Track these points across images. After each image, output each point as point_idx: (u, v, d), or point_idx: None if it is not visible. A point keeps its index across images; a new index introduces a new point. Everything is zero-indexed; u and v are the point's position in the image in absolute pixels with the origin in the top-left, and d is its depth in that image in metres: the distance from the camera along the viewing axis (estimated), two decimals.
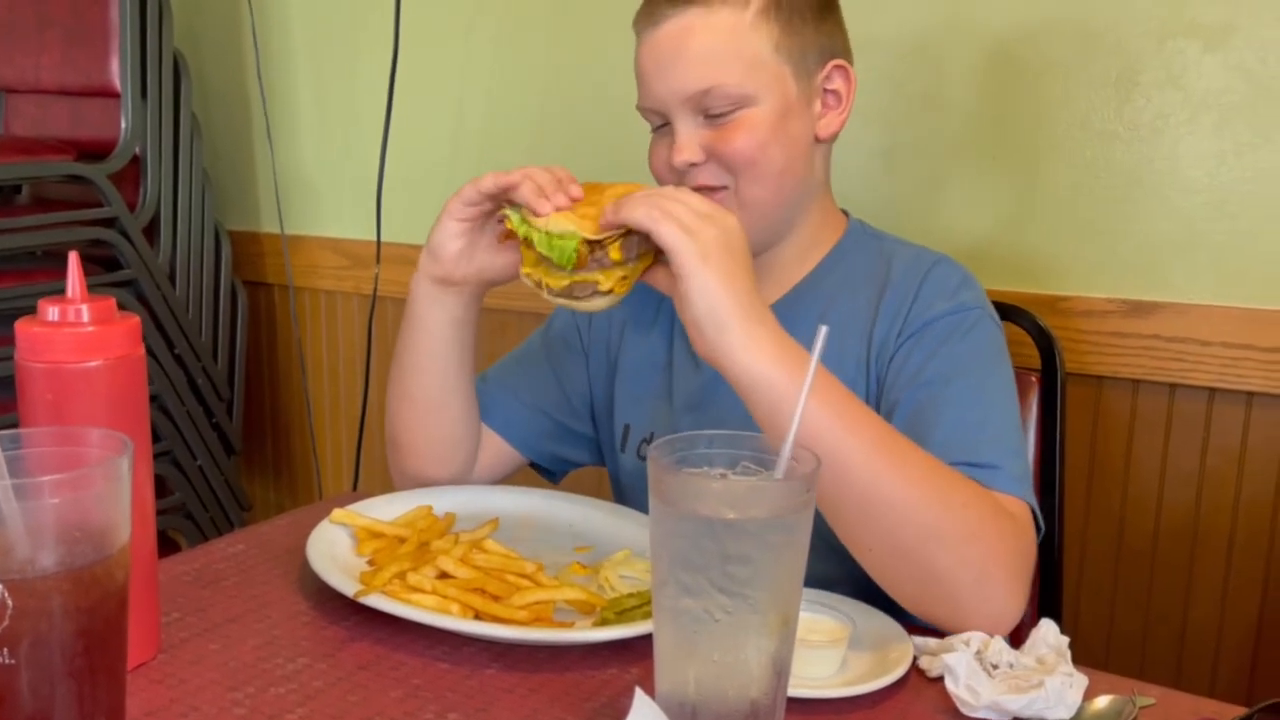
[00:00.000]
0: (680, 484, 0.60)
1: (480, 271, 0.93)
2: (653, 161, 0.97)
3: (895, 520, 0.77)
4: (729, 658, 0.59)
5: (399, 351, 0.99)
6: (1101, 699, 0.71)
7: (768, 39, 0.91)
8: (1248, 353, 1.25)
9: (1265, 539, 1.28)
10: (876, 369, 0.95)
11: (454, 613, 0.77)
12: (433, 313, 0.95)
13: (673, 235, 0.77)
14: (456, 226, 0.91)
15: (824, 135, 0.97)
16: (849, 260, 1.01)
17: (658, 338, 1.06)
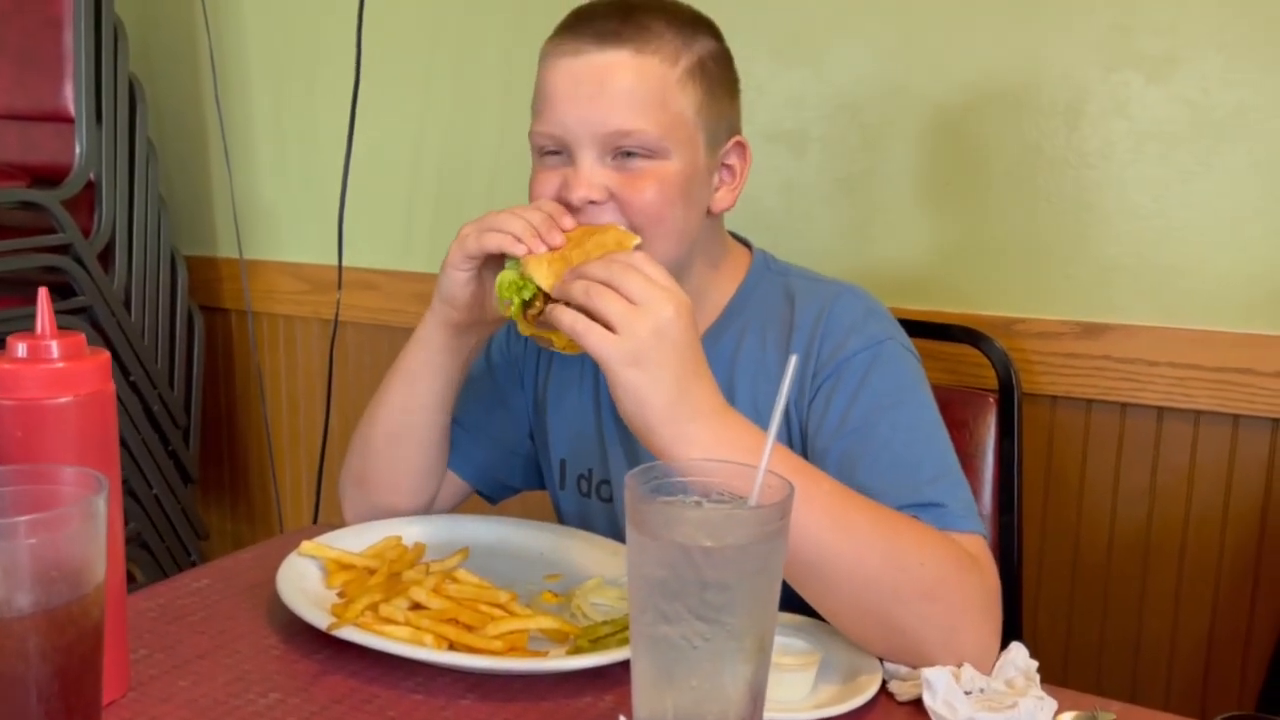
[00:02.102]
0: (656, 512, 0.60)
1: (495, 309, 0.90)
2: (537, 192, 0.92)
3: (855, 587, 0.77)
4: (707, 684, 0.60)
5: (388, 393, 0.98)
6: (1066, 715, 0.73)
7: (691, 100, 0.90)
8: (1194, 373, 1.29)
9: (1214, 553, 1.32)
10: (797, 415, 0.93)
11: (428, 644, 0.77)
12: (439, 356, 0.95)
13: (596, 347, 0.76)
14: (462, 275, 0.89)
15: (717, 209, 0.96)
16: (754, 299, 0.99)
17: (585, 373, 1.05)
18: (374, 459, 1.01)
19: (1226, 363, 1.27)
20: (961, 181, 1.40)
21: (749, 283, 1.00)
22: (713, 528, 0.60)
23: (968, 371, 1.33)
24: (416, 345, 0.97)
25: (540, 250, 0.83)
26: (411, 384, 0.97)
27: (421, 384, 0.97)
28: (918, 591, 0.77)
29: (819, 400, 0.92)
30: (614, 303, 0.76)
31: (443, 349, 0.95)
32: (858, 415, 0.89)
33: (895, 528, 0.79)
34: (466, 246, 0.88)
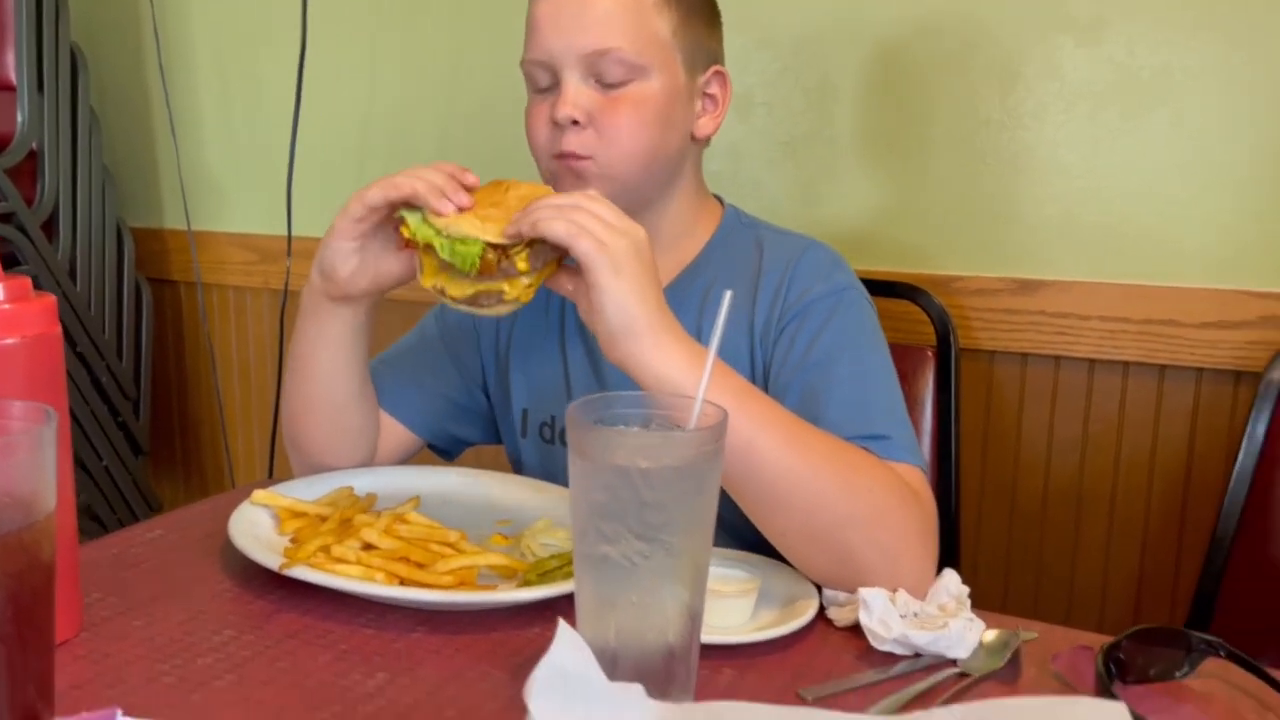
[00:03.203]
0: (597, 438, 0.63)
1: (376, 282, 0.91)
2: (530, 123, 0.97)
3: (807, 507, 0.80)
4: (646, 600, 0.63)
5: (295, 361, 0.99)
6: (990, 633, 0.77)
7: (668, 22, 0.95)
8: (1123, 325, 1.34)
9: (1143, 499, 1.38)
10: (761, 355, 0.99)
11: (379, 580, 0.78)
12: (331, 327, 0.95)
13: (589, 251, 0.78)
14: (348, 245, 0.88)
15: (699, 135, 1.01)
16: (725, 251, 1.04)
17: (550, 325, 1.08)
18: (297, 426, 1.02)
19: (1152, 315, 1.32)
20: (902, 143, 1.44)
21: (721, 233, 1.06)
22: (650, 450, 0.62)
23: (909, 328, 1.37)
24: (304, 317, 0.96)
25: (448, 209, 0.82)
26: (311, 354, 0.97)
27: (321, 353, 0.97)
28: (866, 515, 0.81)
29: (783, 339, 0.98)
30: (591, 220, 0.80)
31: (332, 318, 0.94)
32: (819, 353, 0.95)
33: (846, 454, 0.83)
34: (367, 197, 0.85)
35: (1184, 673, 0.73)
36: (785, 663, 0.74)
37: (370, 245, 0.89)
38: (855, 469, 0.82)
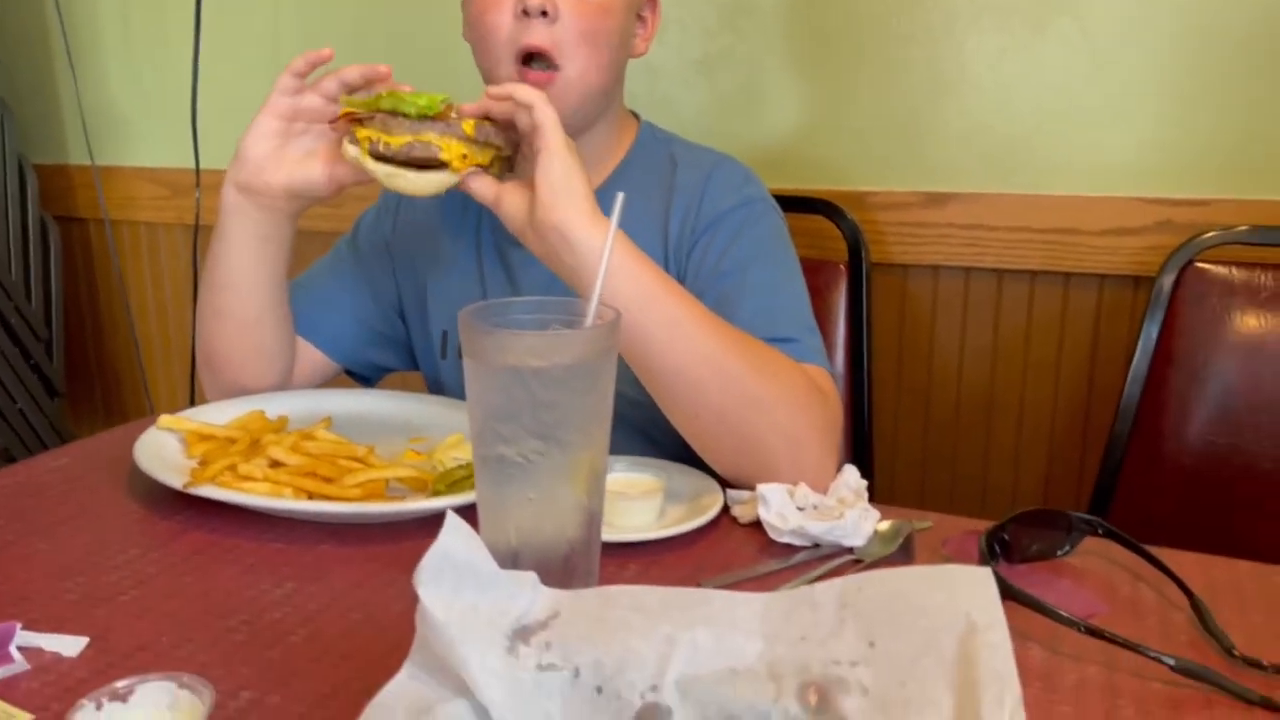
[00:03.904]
0: (490, 339, 0.63)
1: (289, 181, 0.90)
2: (488, 15, 0.94)
3: (720, 387, 0.83)
4: (544, 497, 0.64)
5: (208, 265, 0.98)
6: (885, 523, 0.80)
7: None
8: (1028, 235, 1.38)
9: (1049, 403, 1.43)
10: (676, 266, 1.01)
11: (287, 496, 0.79)
12: (239, 226, 0.94)
13: (551, 117, 0.81)
14: (270, 124, 0.89)
15: (636, 53, 1.04)
16: (640, 166, 1.06)
17: (466, 246, 1.08)
18: (210, 338, 1.01)
19: (1056, 224, 1.36)
20: (814, 60, 1.44)
21: (637, 148, 1.07)
22: (542, 349, 0.63)
23: (823, 244, 1.38)
24: (219, 216, 0.95)
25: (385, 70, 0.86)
26: (223, 256, 0.96)
27: (233, 257, 0.96)
28: (774, 399, 0.83)
29: (696, 251, 1.00)
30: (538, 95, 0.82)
31: (242, 218, 0.93)
32: (730, 262, 0.97)
33: (757, 345, 0.86)
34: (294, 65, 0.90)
35: (1065, 551, 0.77)
36: (688, 557, 0.77)
37: (293, 138, 0.90)
38: (766, 357, 0.85)
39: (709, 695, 0.53)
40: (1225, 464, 1.14)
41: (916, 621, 0.51)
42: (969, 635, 0.49)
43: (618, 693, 0.53)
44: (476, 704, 0.50)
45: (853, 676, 0.51)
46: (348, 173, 0.88)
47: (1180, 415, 1.17)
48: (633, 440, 0.99)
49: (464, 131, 0.83)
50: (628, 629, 0.54)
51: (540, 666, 0.53)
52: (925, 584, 0.52)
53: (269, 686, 0.59)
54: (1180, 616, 0.69)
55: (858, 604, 0.53)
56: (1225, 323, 1.16)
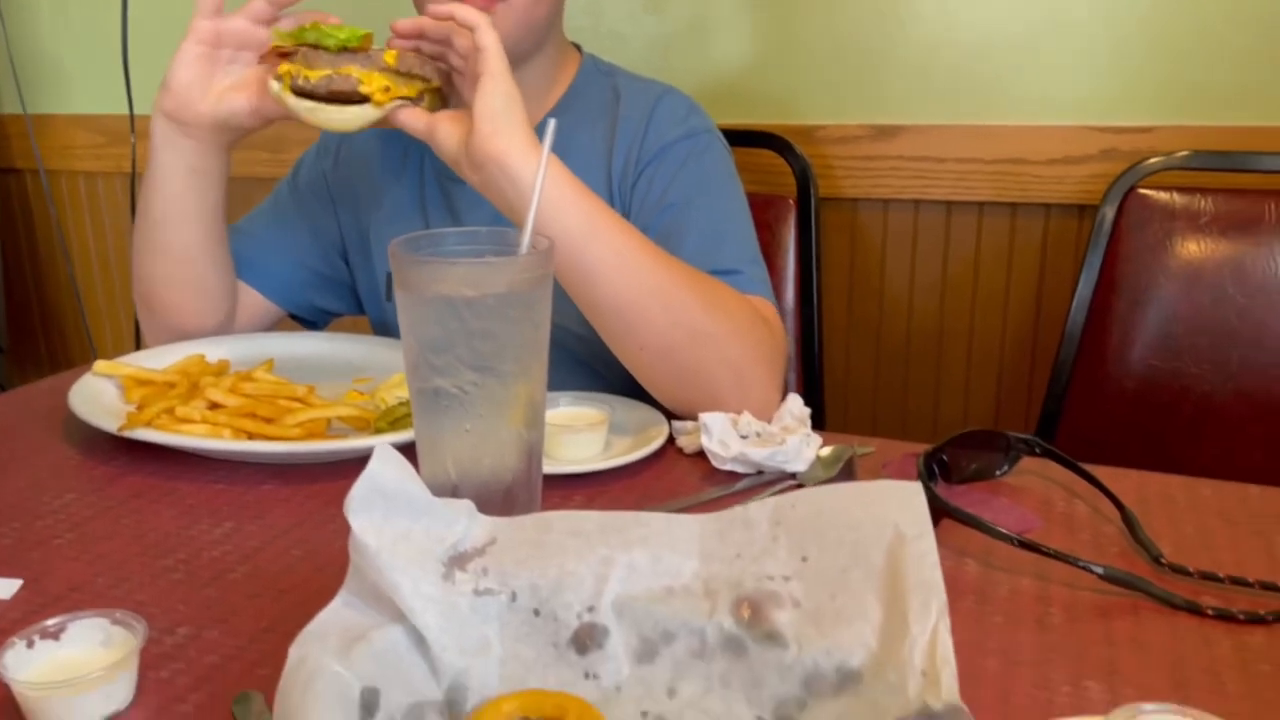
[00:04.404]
0: (422, 270, 0.62)
1: (215, 111, 0.88)
2: None
3: (665, 320, 0.82)
4: (481, 427, 0.63)
5: (141, 199, 0.95)
6: (826, 449, 0.80)
7: None
8: (977, 166, 1.38)
9: (998, 334, 1.44)
10: (620, 199, 1.00)
11: (225, 437, 0.78)
12: (170, 157, 0.91)
13: (493, 40, 0.79)
14: (195, 50, 0.87)
15: None
16: (584, 96, 1.04)
17: (408, 185, 1.06)
18: (147, 277, 0.98)
19: (1004, 155, 1.36)
20: None
21: (579, 80, 1.05)
22: (474, 278, 0.62)
23: (772, 179, 1.38)
24: (153, 148, 0.93)
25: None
26: (156, 190, 0.94)
27: (165, 190, 0.93)
28: (719, 331, 0.83)
29: (641, 183, 0.99)
30: None
31: (172, 149, 0.91)
32: (675, 194, 0.97)
33: (703, 276, 0.86)
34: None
35: (1003, 471, 0.78)
36: (633, 488, 0.77)
37: (221, 66, 0.88)
38: (711, 289, 0.85)
39: (645, 614, 0.53)
40: (1165, 387, 1.16)
41: (847, 535, 0.52)
42: (897, 546, 0.50)
43: (554, 614, 0.53)
44: (411, 629, 0.50)
45: (785, 590, 0.52)
46: (274, 106, 0.86)
47: (1123, 340, 1.18)
48: (578, 375, 0.99)
49: (386, 63, 0.81)
50: (564, 552, 0.54)
51: (477, 591, 0.53)
52: (856, 499, 0.53)
53: (206, 622, 0.59)
54: (1112, 529, 0.71)
55: (790, 521, 0.53)
56: (1166, 248, 1.17)
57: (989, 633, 0.59)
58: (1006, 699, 0.53)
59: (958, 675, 0.44)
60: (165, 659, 0.55)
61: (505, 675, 0.52)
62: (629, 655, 0.52)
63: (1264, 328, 1.11)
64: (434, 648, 0.50)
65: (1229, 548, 0.68)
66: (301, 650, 0.47)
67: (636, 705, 0.51)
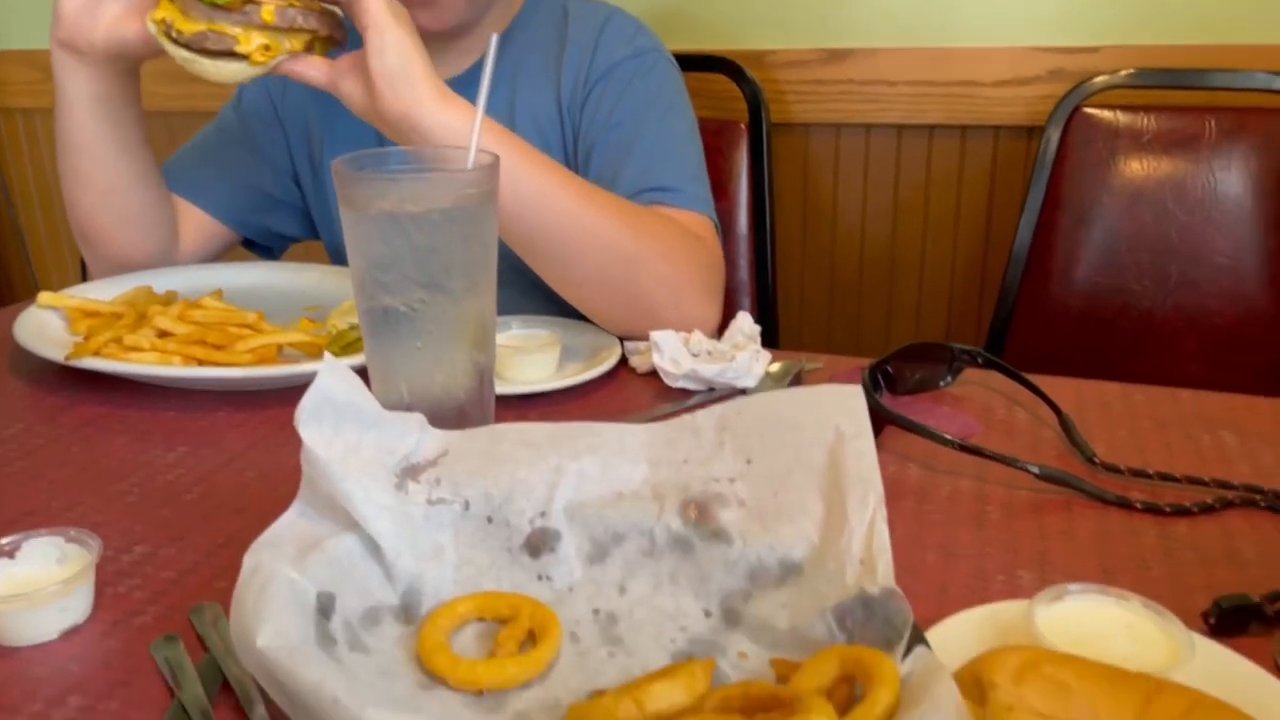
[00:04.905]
0: (366, 186, 0.62)
1: (106, 39, 0.85)
2: None
3: (597, 252, 0.83)
4: (431, 345, 0.64)
5: (57, 133, 0.93)
6: (776, 364, 0.82)
7: None
8: (928, 89, 1.38)
9: (948, 261, 1.46)
10: (570, 121, 1.00)
11: (176, 364, 0.77)
12: (74, 86, 0.89)
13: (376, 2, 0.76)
14: None
15: None
16: (533, 22, 1.03)
17: None
18: (76, 207, 0.97)
19: (954, 77, 1.36)
20: None
21: (530, 3, 1.04)
22: (418, 194, 0.62)
23: (724, 105, 1.37)
24: (55, 79, 0.90)
25: None
26: (69, 119, 0.91)
27: (74, 118, 0.91)
28: (651, 253, 0.84)
29: (589, 104, 0.99)
30: None
31: (72, 77, 0.89)
32: (622, 113, 0.97)
33: (629, 204, 0.86)
34: None
35: (946, 382, 0.80)
36: (587, 407, 0.78)
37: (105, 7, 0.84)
38: (637, 214, 0.86)
39: (596, 518, 0.54)
40: (1108, 304, 1.18)
41: (789, 437, 0.53)
42: (837, 445, 0.51)
43: (507, 521, 0.54)
44: (365, 537, 0.51)
45: (730, 492, 0.53)
46: None
47: (1068, 259, 1.20)
48: (531, 299, 0.99)
49: (263, 20, 0.77)
50: (515, 462, 0.55)
51: (430, 501, 0.54)
52: (798, 403, 0.54)
53: (162, 541, 0.59)
54: (1050, 433, 0.73)
55: (735, 426, 0.55)
56: (1110, 167, 1.19)
57: (929, 530, 0.61)
58: (944, 589, 0.55)
59: (897, 569, 0.46)
60: (122, 576, 0.56)
61: (460, 580, 0.53)
62: (580, 557, 0.54)
63: (1202, 243, 1.14)
64: (388, 554, 0.51)
65: (1159, 448, 0.70)
66: (256, 558, 0.48)
67: (588, 603, 0.52)
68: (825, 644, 0.46)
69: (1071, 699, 0.37)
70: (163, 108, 1.56)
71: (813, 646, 0.46)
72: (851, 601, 0.46)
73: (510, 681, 0.46)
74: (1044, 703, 0.36)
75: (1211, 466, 0.67)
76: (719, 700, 0.41)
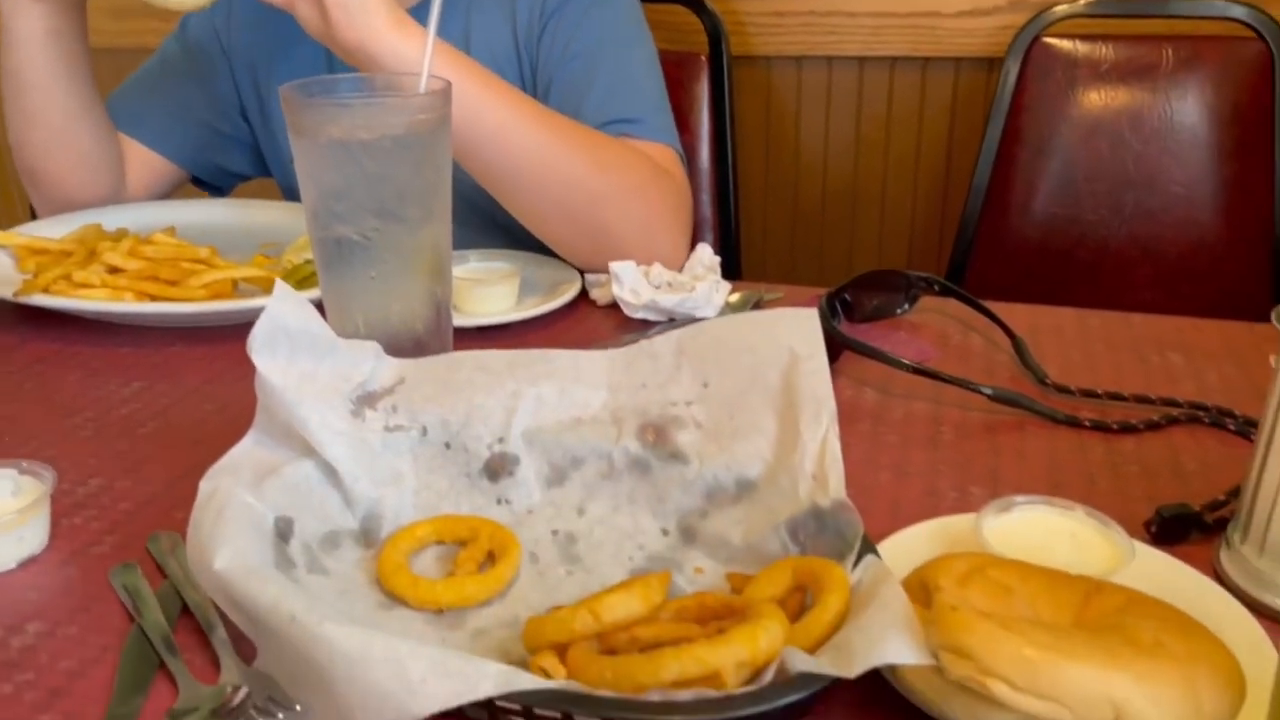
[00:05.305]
0: (315, 112, 0.61)
1: None
2: None
3: (561, 186, 0.82)
4: (386, 274, 0.63)
5: (4, 70, 0.91)
6: (735, 294, 0.82)
7: None
8: (889, 20, 1.37)
9: (909, 195, 1.47)
10: (528, 54, 0.98)
11: (128, 300, 0.76)
12: (21, 23, 0.87)
13: None
14: None
15: None
16: None
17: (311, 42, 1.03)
18: (23, 147, 0.95)
19: (915, 8, 1.36)
20: None
21: None
22: (368, 120, 0.61)
23: (684, 38, 1.36)
24: (4, 18, 0.89)
25: None
26: (17, 56, 0.90)
27: (25, 55, 0.89)
28: (618, 190, 0.83)
29: (546, 36, 0.97)
30: None
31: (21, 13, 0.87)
32: (579, 44, 0.95)
33: (595, 136, 0.85)
34: None
35: (904, 309, 0.81)
36: (547, 339, 0.78)
37: None
38: (604, 148, 0.84)
39: (554, 443, 0.55)
40: (1065, 233, 1.20)
41: (745, 360, 0.53)
42: (791, 366, 0.52)
43: (465, 446, 0.54)
44: (323, 463, 0.51)
45: (687, 414, 0.54)
46: None
47: (1026, 190, 1.21)
48: (492, 234, 0.98)
49: None
50: (473, 388, 0.55)
51: (387, 428, 0.54)
52: (754, 327, 0.55)
53: (118, 473, 0.59)
54: (1004, 357, 0.74)
55: (692, 351, 0.55)
56: (1068, 97, 1.19)
57: (883, 451, 0.62)
58: (897, 506, 0.56)
59: (852, 489, 0.47)
60: (78, 507, 0.56)
61: (419, 505, 0.53)
62: (539, 481, 0.54)
63: (1157, 172, 1.15)
64: (346, 479, 0.51)
65: (1110, 369, 0.72)
66: (212, 483, 0.48)
67: (547, 525, 0.53)
68: (779, 557, 0.47)
69: (1014, 599, 0.38)
70: (111, 45, 1.51)
71: (767, 560, 0.47)
72: (804, 515, 0.47)
73: (469, 600, 0.47)
74: (987, 603, 0.37)
75: (1159, 386, 0.68)
76: (674, 610, 0.42)
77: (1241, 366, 0.72)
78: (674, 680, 0.36)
